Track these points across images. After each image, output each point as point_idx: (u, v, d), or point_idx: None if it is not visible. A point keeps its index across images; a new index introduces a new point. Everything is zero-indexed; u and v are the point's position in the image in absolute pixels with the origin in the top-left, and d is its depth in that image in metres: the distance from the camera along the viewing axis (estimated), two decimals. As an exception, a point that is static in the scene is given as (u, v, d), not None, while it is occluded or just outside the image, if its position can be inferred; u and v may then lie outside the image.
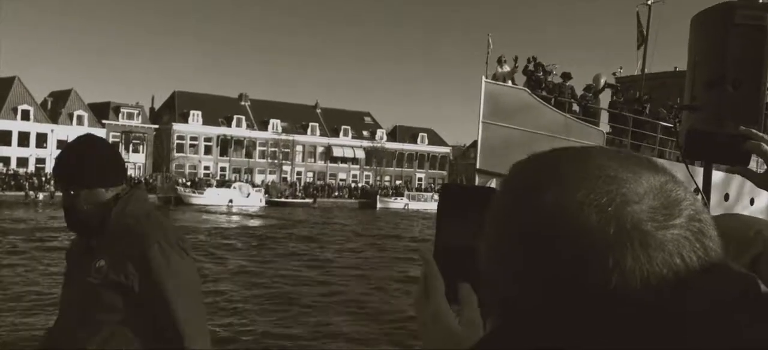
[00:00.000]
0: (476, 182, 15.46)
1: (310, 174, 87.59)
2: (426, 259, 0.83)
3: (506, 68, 16.97)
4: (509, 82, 16.70)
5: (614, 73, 23.27)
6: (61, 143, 72.17)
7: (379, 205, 76.94)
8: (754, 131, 1.50)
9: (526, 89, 15.98)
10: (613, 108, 17.71)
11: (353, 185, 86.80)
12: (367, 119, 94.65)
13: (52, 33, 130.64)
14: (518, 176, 0.64)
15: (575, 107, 16.92)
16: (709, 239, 0.57)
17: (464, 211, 0.84)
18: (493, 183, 14.66)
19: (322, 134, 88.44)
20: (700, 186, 2.08)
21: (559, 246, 0.56)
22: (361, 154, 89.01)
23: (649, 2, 20.59)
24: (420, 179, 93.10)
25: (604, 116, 17.67)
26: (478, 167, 15.85)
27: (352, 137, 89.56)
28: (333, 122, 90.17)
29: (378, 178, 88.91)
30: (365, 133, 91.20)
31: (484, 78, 15.95)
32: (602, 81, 17.88)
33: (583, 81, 18.15)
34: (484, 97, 15.58)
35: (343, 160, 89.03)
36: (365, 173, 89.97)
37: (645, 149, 16.95)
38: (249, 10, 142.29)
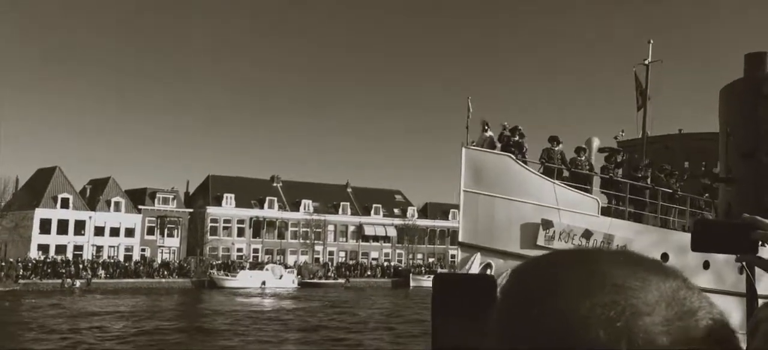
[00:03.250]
0: (458, 257, 14.63)
1: (343, 254, 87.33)
2: None
3: (489, 133, 15.89)
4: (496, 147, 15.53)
5: (616, 137, 21.99)
6: (98, 230, 73.48)
7: (412, 284, 76.02)
8: (758, 218, 1.48)
9: (511, 155, 14.89)
10: (606, 174, 16.46)
11: (386, 263, 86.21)
12: (398, 197, 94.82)
13: (91, 123, 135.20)
14: (516, 287, 0.60)
15: (566, 174, 15.83)
16: None
17: (460, 305, 0.79)
18: (477, 259, 13.72)
19: (354, 214, 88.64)
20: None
21: None
22: (392, 232, 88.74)
23: (647, 62, 19.58)
24: (453, 256, 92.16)
25: (599, 183, 16.46)
26: (460, 240, 14.76)
27: (384, 216, 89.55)
28: (364, 201, 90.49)
29: (410, 256, 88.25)
30: (396, 211, 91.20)
31: (463, 145, 14.88)
32: (595, 144, 16.82)
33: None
34: (465, 164, 14.46)
35: (375, 238, 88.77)
36: (397, 251, 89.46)
37: (646, 218, 16.05)
38: (278, 94, 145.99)
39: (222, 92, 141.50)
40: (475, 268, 13.67)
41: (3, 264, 62.86)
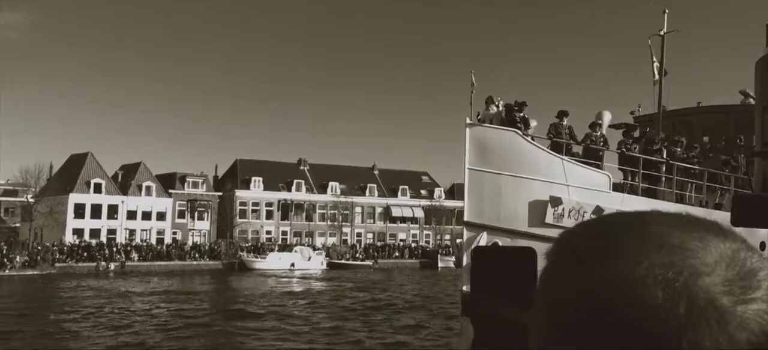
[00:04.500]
0: (464, 237, 14.23)
1: (370, 235, 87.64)
2: None
3: (494, 110, 15.27)
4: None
5: (632, 112, 21.06)
6: (130, 214, 74.96)
7: (440, 264, 76.01)
8: None
9: (517, 131, 14.35)
10: (620, 149, 15.89)
11: (413, 244, 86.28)
12: (425, 178, 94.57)
13: (122, 111, 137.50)
14: (567, 248, 0.58)
15: (575, 149, 15.28)
16: None
17: (501, 278, 0.77)
18: (483, 239, 13.39)
19: (381, 195, 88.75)
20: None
21: (621, 330, 0.49)
22: (419, 213, 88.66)
23: (662, 33, 18.61)
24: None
25: (611, 159, 15.86)
26: (465, 219, 14.26)
27: (411, 197, 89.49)
28: (391, 182, 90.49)
29: (438, 237, 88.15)
30: (423, 192, 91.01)
31: (467, 120, 14.31)
32: (606, 118, 16.12)
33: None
34: (469, 141, 13.95)
35: (402, 220, 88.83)
36: (425, 232, 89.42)
37: (661, 193, 15.53)
38: (304, 78, 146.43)
39: (249, 77, 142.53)
40: None
41: (39, 248, 64.59)
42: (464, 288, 13.69)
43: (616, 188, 14.86)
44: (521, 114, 15.09)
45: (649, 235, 0.53)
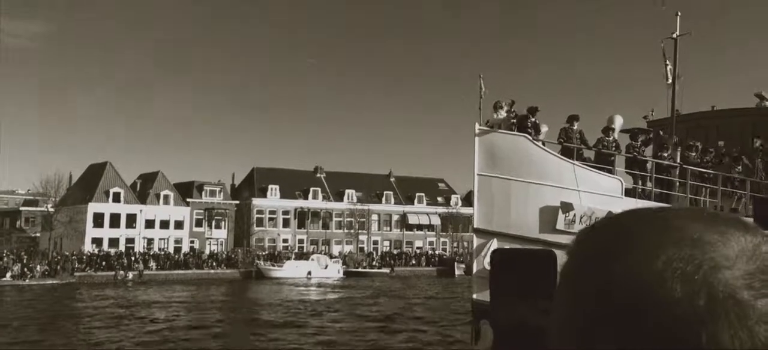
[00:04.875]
0: (474, 244, 14.06)
1: (387, 243, 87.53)
2: None
3: (502, 115, 15.08)
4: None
5: (645, 117, 20.80)
6: (148, 223, 75.58)
7: (457, 272, 75.62)
8: None
9: (528, 136, 14.24)
10: (630, 153, 15.59)
11: (430, 252, 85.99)
12: (442, 185, 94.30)
13: (140, 120, 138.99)
14: (588, 242, 0.57)
15: (586, 154, 15.09)
16: None
17: (521, 280, 0.77)
18: (494, 246, 13.16)
19: (397, 203, 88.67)
20: None
21: (640, 323, 0.49)
22: (436, 220, 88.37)
23: (675, 36, 18.36)
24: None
25: (622, 163, 15.56)
26: (475, 225, 14.11)
27: (427, 204, 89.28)
28: (407, 190, 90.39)
29: (455, 244, 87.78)
30: (440, 199, 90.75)
31: (477, 125, 14.09)
32: (618, 122, 15.91)
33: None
34: (479, 146, 13.79)
35: (419, 227, 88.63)
36: (442, 239, 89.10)
37: (675, 198, 15.21)
38: (320, 86, 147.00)
39: (265, 86, 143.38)
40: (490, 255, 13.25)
41: (59, 257, 65.31)
42: (475, 295, 13.57)
43: (629, 193, 14.62)
44: (533, 119, 14.96)
45: (668, 229, 0.53)
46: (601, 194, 13.87)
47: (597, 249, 0.56)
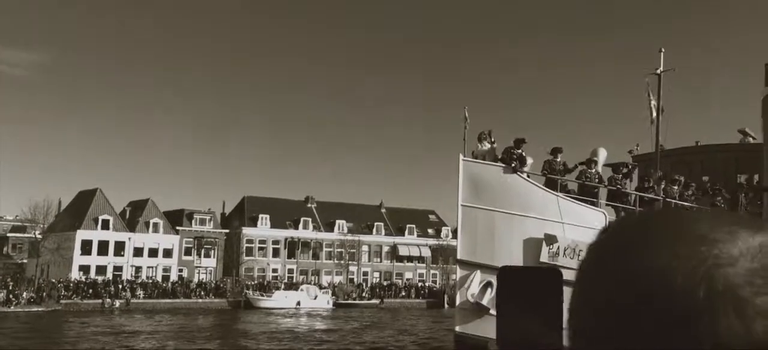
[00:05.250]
0: (458, 276, 14.00)
1: (377, 274, 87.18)
2: None
3: (486, 146, 15.14)
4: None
5: (630, 151, 21.05)
6: (137, 251, 75.02)
7: (446, 305, 75.26)
8: None
9: (511, 168, 14.29)
10: (613, 185, 15.62)
11: (420, 284, 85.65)
12: (432, 217, 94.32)
13: (131, 147, 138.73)
14: (604, 240, 0.60)
15: (570, 187, 15.12)
16: None
17: (527, 299, 0.76)
18: (477, 278, 13.10)
19: (388, 234, 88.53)
20: None
21: (644, 313, 0.51)
22: (426, 252, 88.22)
23: (659, 71, 18.60)
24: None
25: (606, 196, 15.59)
26: (458, 257, 14.12)
27: (418, 236, 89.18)
28: (398, 221, 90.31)
29: (445, 276, 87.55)
30: (430, 231, 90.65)
31: (461, 156, 14.14)
32: (601, 156, 15.92)
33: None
34: (463, 177, 13.82)
35: (409, 259, 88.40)
36: (432, 271, 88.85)
37: None
38: (312, 116, 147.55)
39: (256, 113, 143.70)
40: (474, 288, 13.25)
41: (45, 284, 64.62)
42: (457, 328, 13.54)
43: None
44: (519, 151, 15.06)
45: (681, 226, 0.55)
46: (585, 226, 13.88)
47: (614, 245, 0.58)
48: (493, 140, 15.15)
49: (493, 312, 13.28)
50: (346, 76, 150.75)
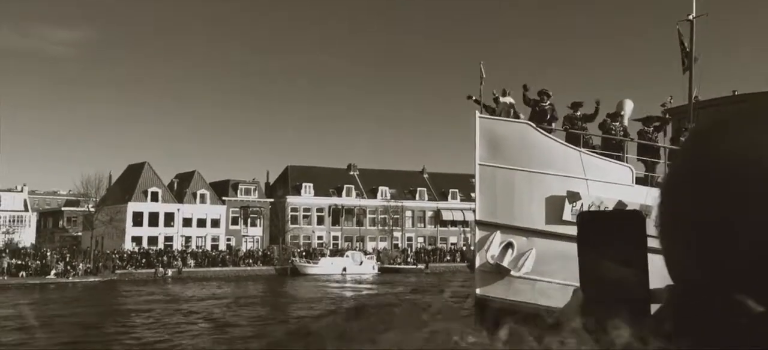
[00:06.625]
0: (476, 237, 13.59)
1: (421, 239, 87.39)
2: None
3: (508, 100, 14.45)
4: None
5: (663, 104, 20.03)
6: (186, 221, 77.02)
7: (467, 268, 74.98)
8: None
9: (531, 123, 13.62)
10: (643, 139, 14.79)
11: (464, 247, 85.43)
12: (474, 181, 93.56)
13: (177, 120, 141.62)
14: (690, 134, 0.60)
15: (592, 141, 14.46)
16: None
17: (607, 239, 0.74)
18: (497, 239, 12.63)
19: (431, 199, 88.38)
20: None
21: (752, 189, 0.50)
22: (470, 216, 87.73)
23: (691, 17, 17.53)
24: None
25: (633, 152, 14.78)
26: (477, 218, 13.69)
27: (461, 200, 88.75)
28: (440, 186, 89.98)
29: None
30: (473, 195, 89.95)
31: (477, 114, 13.57)
32: (628, 108, 15.14)
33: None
34: (480, 135, 13.26)
35: (453, 223, 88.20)
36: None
37: None
38: (353, 84, 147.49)
39: (298, 84, 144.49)
40: (494, 249, 12.99)
41: (101, 255, 67.07)
42: (477, 290, 13.37)
43: (640, 181, 13.91)
44: (542, 104, 14.45)
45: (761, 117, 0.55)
46: (609, 182, 13.40)
47: (698, 133, 0.59)
48: (509, 94, 14.70)
49: (514, 273, 13.11)
50: (387, 42, 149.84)
